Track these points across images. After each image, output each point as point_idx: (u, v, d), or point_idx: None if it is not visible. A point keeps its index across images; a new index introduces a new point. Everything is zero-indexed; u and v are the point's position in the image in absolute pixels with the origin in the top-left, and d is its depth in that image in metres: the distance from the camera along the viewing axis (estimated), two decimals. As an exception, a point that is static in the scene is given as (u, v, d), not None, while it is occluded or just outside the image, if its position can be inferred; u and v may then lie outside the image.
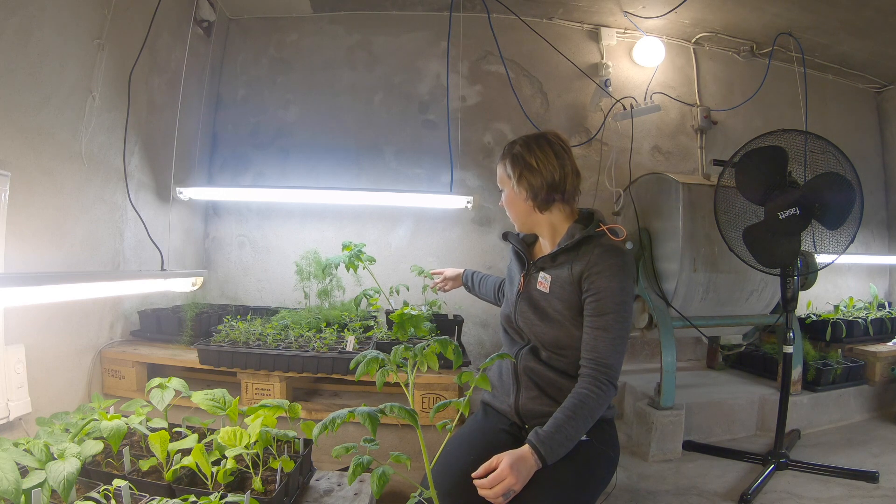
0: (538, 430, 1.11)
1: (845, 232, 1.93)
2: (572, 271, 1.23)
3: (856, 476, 1.96)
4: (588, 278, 1.20)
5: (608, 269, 1.19)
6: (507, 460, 1.05)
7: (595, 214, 1.32)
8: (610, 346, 1.17)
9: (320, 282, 2.24)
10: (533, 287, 1.32)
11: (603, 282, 1.18)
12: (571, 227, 1.30)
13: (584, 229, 1.27)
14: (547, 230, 1.34)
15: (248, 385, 1.84)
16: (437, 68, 2.89)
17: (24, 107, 1.52)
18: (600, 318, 1.18)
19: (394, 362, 0.94)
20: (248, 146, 2.86)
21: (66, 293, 1.22)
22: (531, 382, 1.28)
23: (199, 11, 2.49)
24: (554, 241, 1.33)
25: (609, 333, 1.17)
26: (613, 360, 1.17)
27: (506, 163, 1.32)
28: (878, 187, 3.65)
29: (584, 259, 1.22)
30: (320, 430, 0.87)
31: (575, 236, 1.26)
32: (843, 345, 2.84)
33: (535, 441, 1.09)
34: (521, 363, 1.30)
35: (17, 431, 1.48)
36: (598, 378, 1.16)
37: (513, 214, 1.36)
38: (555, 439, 1.09)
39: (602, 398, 1.15)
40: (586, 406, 1.13)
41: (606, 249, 1.21)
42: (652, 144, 3.13)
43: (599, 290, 1.18)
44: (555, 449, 1.08)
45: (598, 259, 1.20)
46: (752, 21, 2.95)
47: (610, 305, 1.17)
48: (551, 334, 1.26)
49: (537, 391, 1.26)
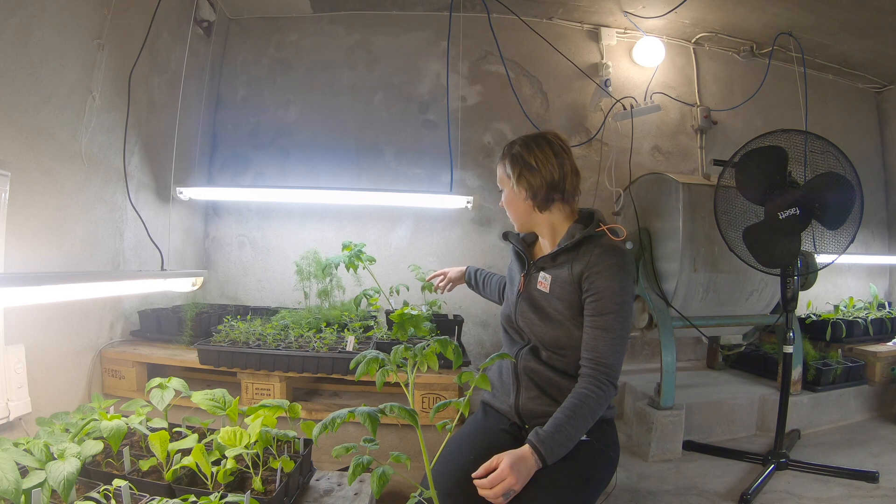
0: (538, 430, 1.11)
1: (845, 232, 1.93)
2: (572, 271, 1.23)
3: (856, 476, 1.96)
4: (588, 278, 1.20)
5: (608, 269, 1.19)
6: (507, 460, 1.05)
7: (595, 214, 1.32)
8: (610, 346, 1.17)
9: (320, 282, 2.24)
10: (533, 287, 1.32)
11: (603, 282, 1.18)
12: (572, 227, 1.30)
13: (584, 229, 1.27)
14: (547, 230, 1.34)
15: (248, 385, 1.84)
16: (437, 68, 2.90)
17: (24, 107, 1.52)
18: (600, 318, 1.18)
19: (394, 362, 0.94)
20: (248, 146, 2.87)
21: (66, 293, 1.22)
22: (531, 382, 1.28)
23: (199, 11, 2.49)
24: (554, 241, 1.33)
25: (609, 333, 1.17)
26: (613, 359, 1.18)
27: (505, 163, 1.32)
28: (878, 187, 3.65)
29: (584, 259, 1.22)
30: (320, 430, 0.87)
31: (575, 236, 1.26)
32: (843, 345, 2.84)
33: (536, 441, 1.09)
34: (521, 363, 1.30)
35: (17, 431, 1.48)
36: (598, 378, 1.16)
37: (512, 214, 1.36)
38: (555, 439, 1.09)
39: (602, 398, 1.15)
40: (586, 406, 1.13)
41: (606, 249, 1.21)
42: (652, 144, 3.13)
43: (599, 290, 1.18)
44: (555, 449, 1.08)
45: (598, 259, 1.20)
46: (752, 21, 2.95)
47: (610, 305, 1.18)
48: (551, 334, 1.26)
49: (537, 391, 1.27)
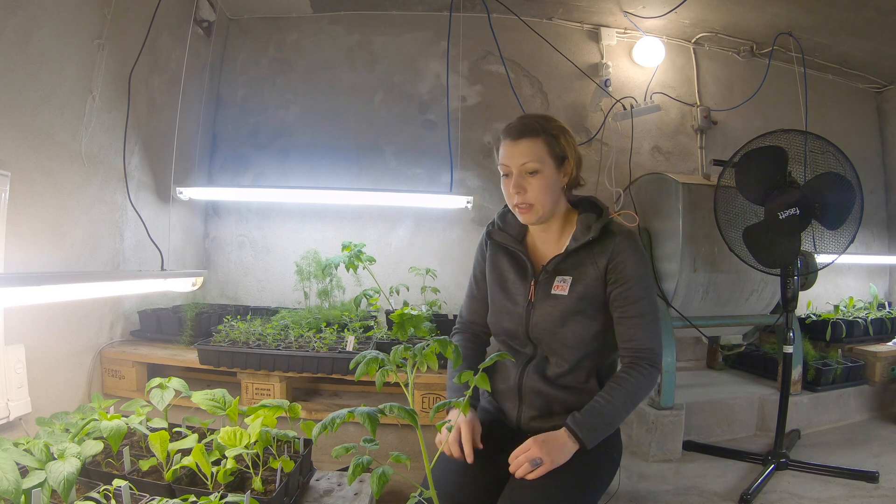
0: (575, 413, 1.12)
1: (845, 232, 1.93)
2: (597, 265, 1.16)
3: (856, 476, 1.96)
4: (615, 269, 1.15)
5: (633, 256, 1.15)
6: (535, 437, 1.08)
7: (596, 201, 1.25)
8: (648, 331, 1.15)
9: (320, 282, 2.24)
10: (547, 293, 1.20)
11: (630, 269, 1.14)
12: (583, 218, 1.20)
13: (597, 218, 1.19)
14: (559, 222, 1.24)
15: (248, 385, 1.84)
16: (437, 68, 2.89)
17: (24, 107, 1.52)
18: (634, 306, 1.15)
19: (393, 362, 0.94)
20: (248, 146, 2.86)
21: (66, 293, 1.22)
22: (534, 402, 1.22)
23: (199, 11, 2.48)
24: (562, 234, 1.24)
25: (645, 318, 1.15)
26: (653, 342, 1.16)
27: (553, 140, 1.16)
28: (878, 187, 3.64)
29: (606, 250, 1.16)
30: (320, 431, 0.87)
31: (591, 227, 1.17)
32: (843, 345, 2.83)
33: (572, 423, 1.10)
34: (526, 382, 1.23)
35: (17, 431, 1.48)
36: (639, 364, 1.15)
37: (547, 203, 1.17)
38: (591, 421, 1.09)
39: (642, 381, 1.14)
40: (624, 389, 1.13)
41: (625, 235, 1.17)
42: (652, 144, 3.13)
43: (628, 277, 1.14)
44: (592, 430, 1.09)
45: (622, 247, 1.15)
46: (752, 21, 2.94)
47: (640, 291, 1.15)
48: (574, 338, 1.18)
49: (540, 411, 1.22)
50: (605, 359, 1.24)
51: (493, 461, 1.13)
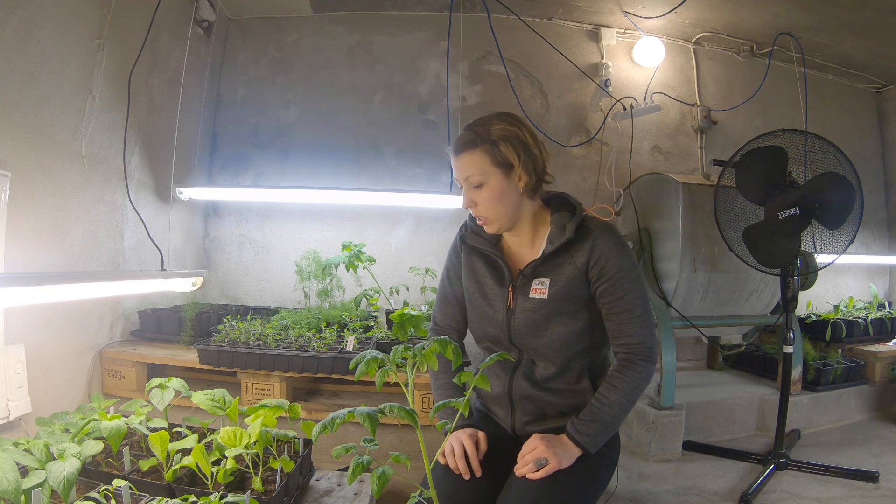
0: (574, 419, 1.12)
1: (845, 232, 1.93)
2: (576, 264, 1.13)
3: (856, 476, 1.96)
4: (596, 265, 1.12)
5: (615, 250, 1.12)
6: (542, 436, 1.09)
7: (567, 197, 1.21)
8: (638, 324, 1.14)
9: (320, 282, 2.24)
10: (526, 298, 1.17)
11: (614, 264, 1.12)
12: (557, 217, 1.17)
13: (570, 217, 1.16)
14: (529, 224, 1.19)
15: (248, 385, 1.84)
16: (437, 68, 2.89)
17: (23, 107, 1.52)
18: (621, 301, 1.13)
19: (393, 362, 0.94)
20: (248, 146, 2.86)
21: (66, 293, 1.22)
22: (526, 407, 1.22)
23: (199, 11, 2.49)
24: (535, 236, 1.20)
25: (634, 312, 1.13)
26: (644, 335, 1.14)
27: (492, 148, 1.10)
28: (878, 187, 3.65)
29: (584, 247, 1.13)
30: (320, 431, 0.87)
31: (566, 227, 1.14)
32: (843, 345, 2.83)
33: (573, 431, 1.10)
34: (515, 389, 1.21)
35: (17, 431, 1.48)
36: (631, 360, 1.14)
37: (503, 212, 1.14)
38: (591, 427, 1.10)
39: (636, 378, 1.13)
40: (619, 389, 1.13)
41: (603, 230, 1.14)
42: (652, 144, 3.13)
43: (613, 273, 1.12)
44: (592, 436, 1.10)
45: (600, 243, 1.12)
46: (752, 21, 2.95)
47: (628, 284, 1.12)
48: (558, 339, 1.16)
49: (533, 416, 1.22)
50: (594, 356, 1.22)
51: (492, 461, 1.13)
